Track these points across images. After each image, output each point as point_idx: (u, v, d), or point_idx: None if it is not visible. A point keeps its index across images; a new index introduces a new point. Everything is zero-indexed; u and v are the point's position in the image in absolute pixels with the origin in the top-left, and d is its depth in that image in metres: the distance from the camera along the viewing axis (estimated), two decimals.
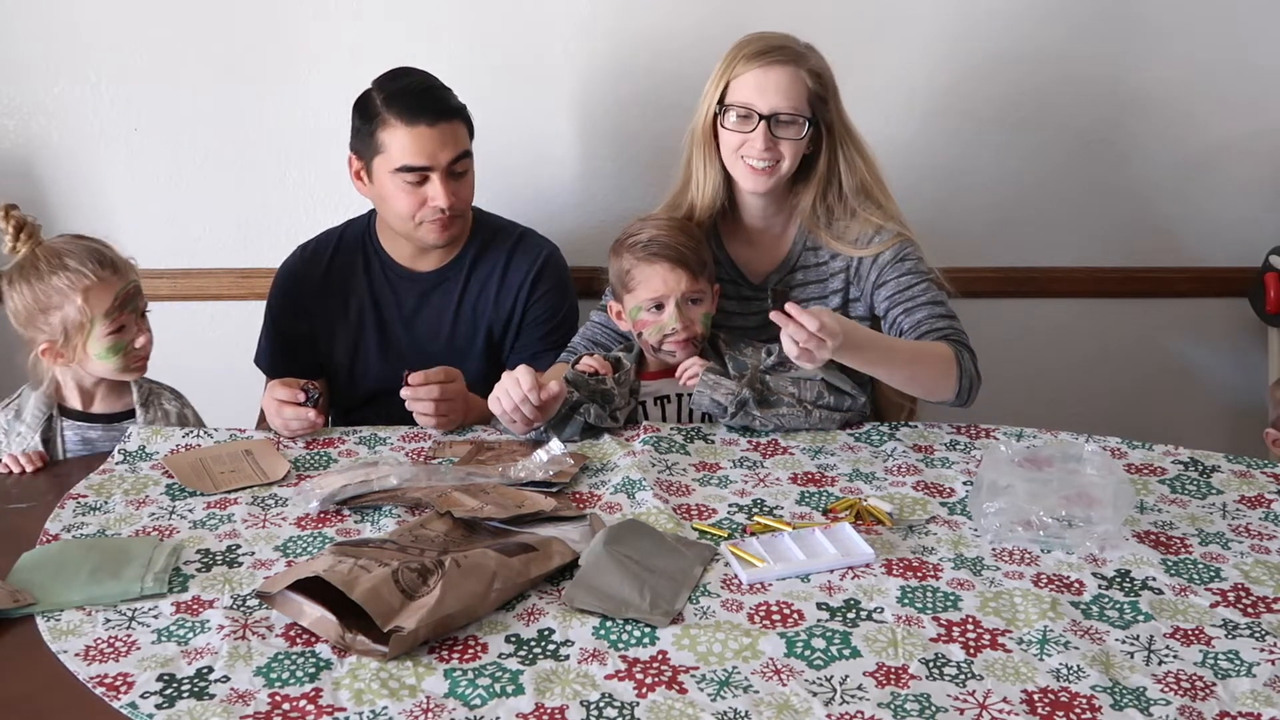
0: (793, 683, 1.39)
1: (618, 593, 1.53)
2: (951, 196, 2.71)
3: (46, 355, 1.99)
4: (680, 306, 2.09)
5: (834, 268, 2.19)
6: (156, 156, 2.67)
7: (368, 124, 2.19)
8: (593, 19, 2.61)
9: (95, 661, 1.43)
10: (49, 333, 1.97)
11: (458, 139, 2.18)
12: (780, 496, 1.84)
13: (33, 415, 2.03)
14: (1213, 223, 2.79)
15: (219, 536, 1.72)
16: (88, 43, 2.60)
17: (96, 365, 2.00)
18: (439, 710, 1.34)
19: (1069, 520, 1.67)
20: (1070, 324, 2.85)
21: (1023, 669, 1.42)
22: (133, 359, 2.02)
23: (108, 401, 2.08)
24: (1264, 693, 1.38)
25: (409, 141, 2.14)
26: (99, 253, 1.98)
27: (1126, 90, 2.69)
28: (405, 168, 2.15)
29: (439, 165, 2.16)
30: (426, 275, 2.31)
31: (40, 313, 1.96)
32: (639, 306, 2.12)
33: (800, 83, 2.09)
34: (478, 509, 1.72)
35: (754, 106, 2.09)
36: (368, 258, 2.33)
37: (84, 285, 1.94)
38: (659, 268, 2.09)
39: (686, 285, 2.09)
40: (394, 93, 2.17)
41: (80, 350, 1.98)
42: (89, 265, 1.95)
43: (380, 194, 2.21)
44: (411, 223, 2.21)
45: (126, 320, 1.99)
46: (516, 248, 2.34)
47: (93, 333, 1.96)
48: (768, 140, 2.09)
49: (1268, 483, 1.88)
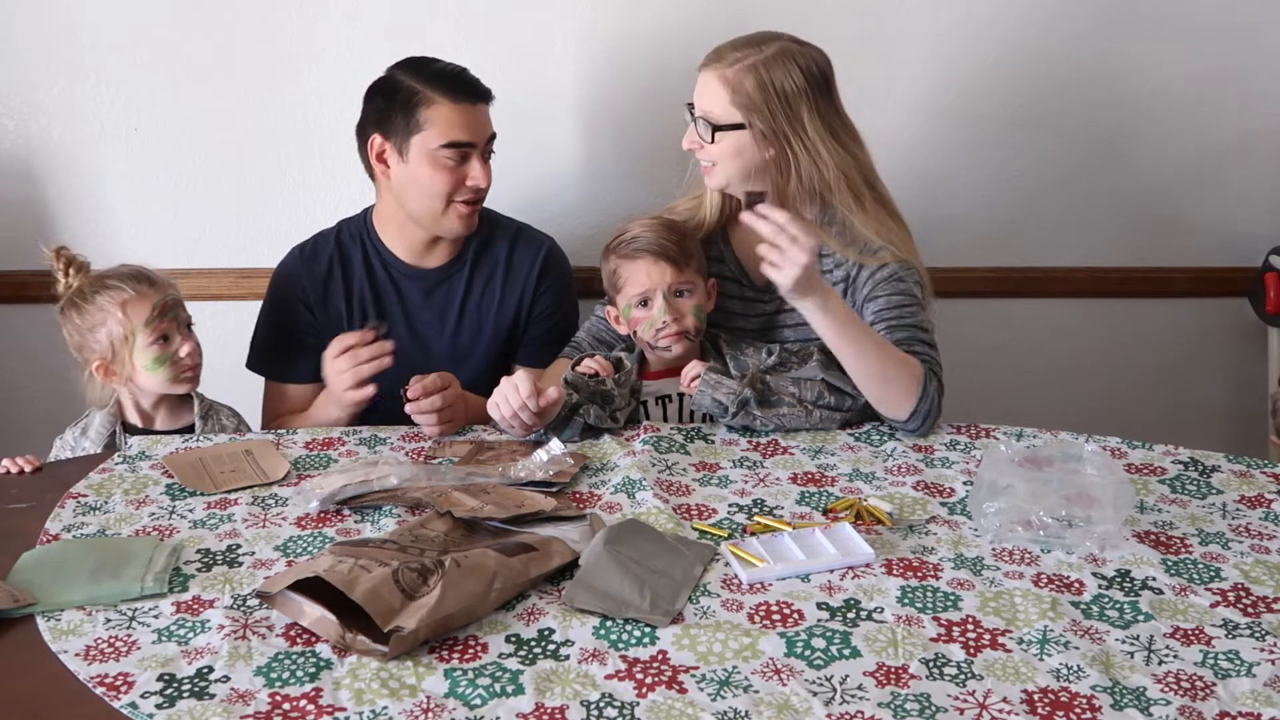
0: (793, 682, 1.39)
1: (618, 593, 1.53)
2: (952, 196, 2.71)
3: (100, 373, 2.07)
4: (668, 299, 2.11)
5: (835, 277, 2.19)
6: (156, 156, 2.67)
7: (402, 104, 2.19)
8: (593, 17, 2.61)
9: (96, 661, 1.43)
10: (99, 351, 2.06)
11: (490, 120, 2.25)
12: (780, 496, 1.84)
13: (97, 433, 2.10)
14: (1213, 223, 2.79)
15: (219, 536, 1.72)
16: (87, 43, 2.60)
17: (146, 379, 2.07)
18: (439, 710, 1.34)
19: (1069, 520, 1.67)
20: (1070, 324, 2.85)
21: (1023, 669, 1.42)
22: (180, 369, 2.08)
23: (168, 421, 2.14)
24: (1264, 693, 1.38)
25: (456, 118, 2.18)
26: (136, 270, 2.10)
27: (1127, 91, 2.69)
28: (452, 144, 2.17)
29: (480, 143, 2.21)
30: (429, 272, 2.31)
31: (88, 332, 2.06)
32: (629, 304, 2.14)
33: (717, 87, 2.10)
34: (478, 509, 1.72)
35: (692, 105, 2.15)
36: (368, 255, 2.32)
37: (122, 299, 2.04)
38: (642, 263, 2.12)
39: (671, 277, 2.11)
40: (435, 73, 2.21)
41: (128, 363, 2.05)
42: (126, 281, 2.06)
43: (413, 174, 2.21)
44: (442, 203, 2.21)
45: (168, 329, 2.07)
46: (517, 242, 2.34)
47: (136, 344, 2.04)
48: (692, 140, 2.15)
49: (1268, 483, 1.88)
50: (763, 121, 2.09)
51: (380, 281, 2.32)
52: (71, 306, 2.08)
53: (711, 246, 2.25)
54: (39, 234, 2.68)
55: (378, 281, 2.32)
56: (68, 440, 2.12)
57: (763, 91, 2.08)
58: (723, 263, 2.25)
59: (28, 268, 2.70)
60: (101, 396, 2.11)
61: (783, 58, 2.10)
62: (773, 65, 2.09)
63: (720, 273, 2.25)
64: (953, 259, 2.36)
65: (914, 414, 1.99)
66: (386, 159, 2.23)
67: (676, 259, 2.12)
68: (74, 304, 2.07)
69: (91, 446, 2.09)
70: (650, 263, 2.12)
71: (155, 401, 2.12)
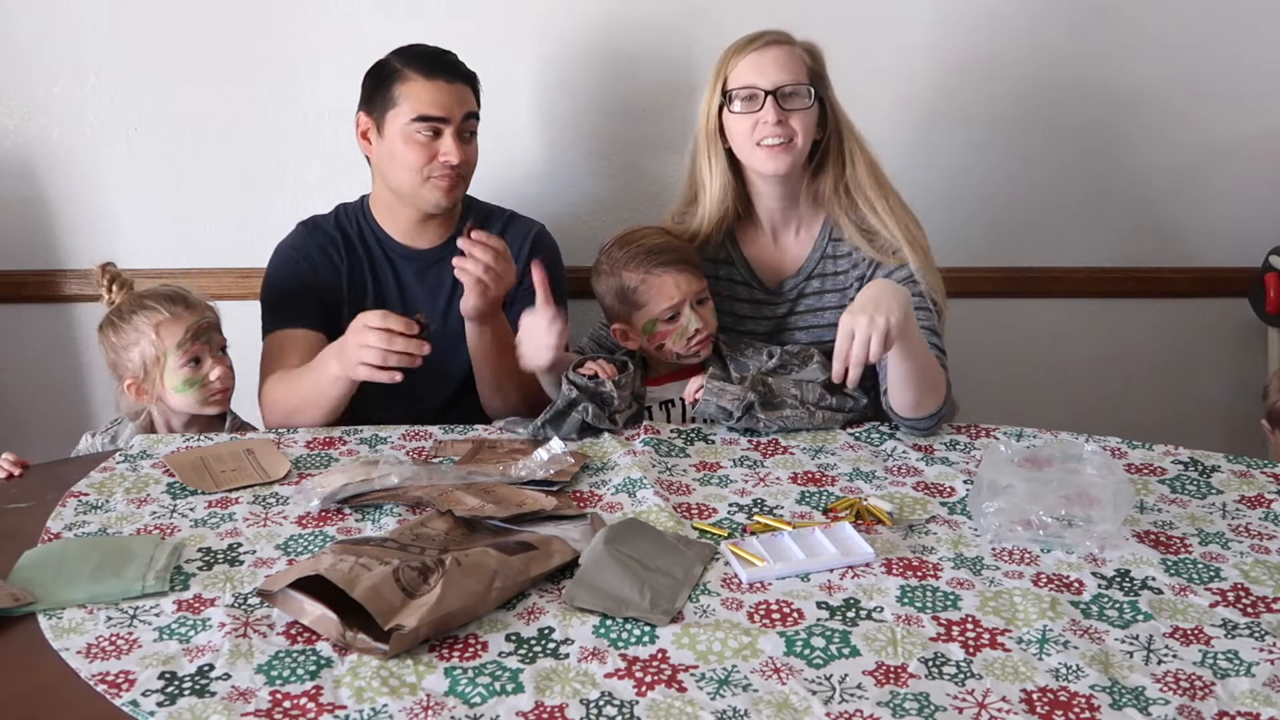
0: (792, 681, 1.39)
1: (618, 591, 1.53)
2: (951, 196, 2.71)
3: (131, 391, 2.09)
4: (694, 308, 2.10)
5: (852, 278, 2.18)
6: (156, 156, 2.67)
7: (383, 83, 2.23)
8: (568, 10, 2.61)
9: (97, 659, 1.43)
10: (132, 369, 2.08)
11: (470, 99, 2.26)
12: (780, 496, 1.84)
13: (126, 444, 2.09)
14: (1213, 223, 2.79)
15: (220, 535, 1.72)
16: (87, 42, 2.60)
17: (175, 399, 2.09)
18: (439, 708, 1.34)
19: (1069, 520, 1.68)
20: (1070, 324, 2.85)
21: (1022, 668, 1.42)
22: (210, 392, 2.09)
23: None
24: (1263, 692, 1.38)
25: (425, 93, 2.20)
26: (174, 291, 2.12)
27: (1127, 90, 2.69)
28: (422, 117, 2.19)
29: (453, 118, 2.21)
30: (423, 253, 2.31)
31: (123, 350, 2.08)
32: (654, 320, 2.11)
33: (797, 58, 2.11)
34: (479, 508, 1.72)
35: (757, 85, 2.09)
36: (363, 234, 2.34)
37: (156, 321, 2.06)
38: (670, 276, 2.10)
39: (698, 285, 2.11)
40: (414, 54, 2.25)
41: (159, 383, 2.07)
42: (162, 302, 2.08)
43: (390, 149, 2.23)
44: (419, 177, 2.22)
45: (200, 352, 2.08)
46: (508, 227, 2.36)
47: (167, 365, 2.06)
48: (778, 113, 2.08)
49: (1267, 483, 1.88)
50: (828, 100, 2.13)
51: (376, 259, 2.33)
52: (109, 325, 2.10)
53: (720, 250, 2.24)
54: (39, 234, 2.69)
55: (374, 258, 2.33)
56: (96, 444, 2.13)
57: (825, 70, 2.14)
58: (732, 265, 2.24)
59: (28, 267, 2.70)
60: (134, 409, 2.13)
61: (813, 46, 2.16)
62: (814, 50, 2.15)
63: (730, 276, 2.24)
64: (953, 259, 2.36)
65: (934, 414, 2.01)
66: (369, 136, 2.27)
67: (698, 264, 2.12)
68: (111, 322, 2.10)
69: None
70: (678, 273, 2.10)
71: (187, 421, 2.13)
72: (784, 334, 2.23)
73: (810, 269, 2.22)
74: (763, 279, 2.24)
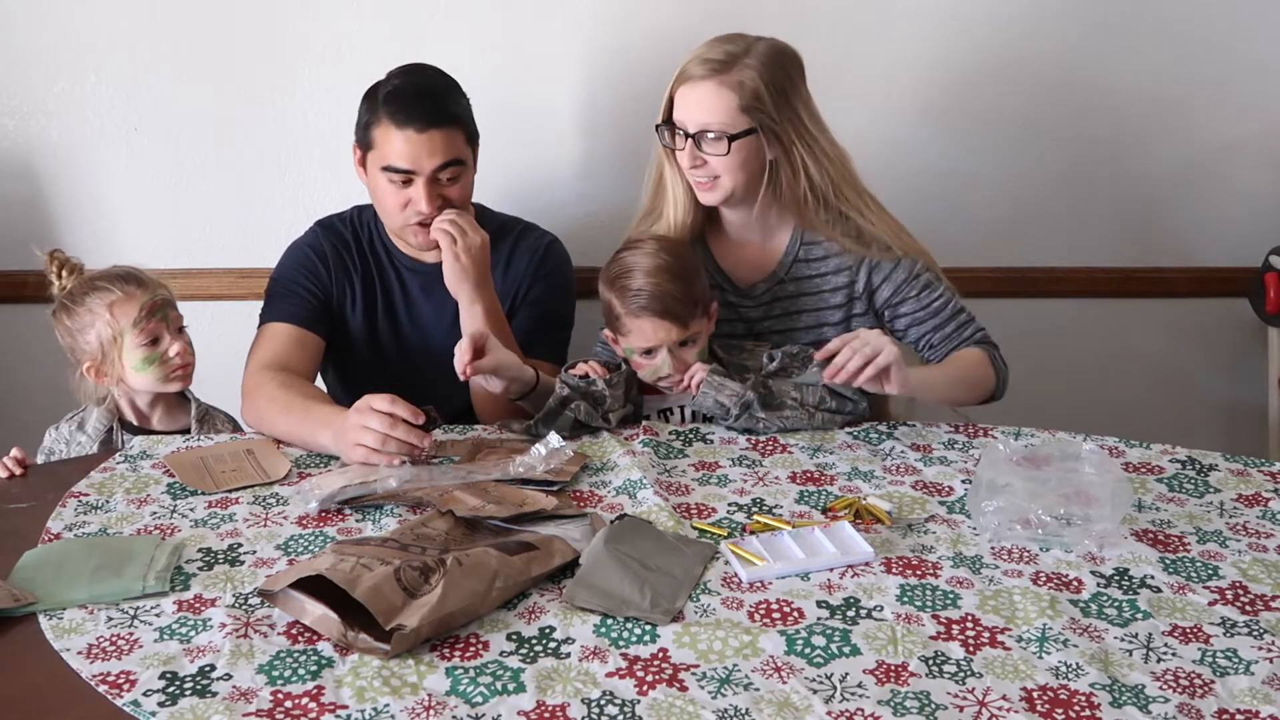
0: (793, 680, 1.39)
1: (618, 591, 1.54)
2: (951, 196, 2.71)
3: (90, 374, 2.07)
4: (672, 352, 2.06)
5: (834, 283, 2.18)
6: (156, 156, 2.67)
7: (365, 118, 2.20)
8: (594, 18, 2.61)
9: (98, 659, 1.43)
10: (89, 352, 2.06)
11: (449, 147, 2.15)
12: (779, 495, 1.84)
13: (94, 428, 2.11)
14: (1213, 223, 2.79)
15: (220, 535, 1.72)
16: (87, 42, 2.60)
17: (135, 379, 2.07)
18: (440, 708, 1.35)
19: (1067, 519, 1.68)
20: (1070, 324, 2.86)
21: (1022, 667, 1.42)
22: (170, 369, 2.08)
23: (165, 422, 2.15)
24: (1262, 690, 1.39)
25: (393, 143, 2.13)
26: (125, 271, 2.09)
27: (1127, 90, 2.70)
28: (390, 168, 2.15)
29: (423, 171, 2.14)
30: (431, 267, 2.30)
31: (78, 333, 2.06)
32: (631, 349, 2.10)
33: (723, 96, 2.03)
34: (479, 508, 1.73)
35: (683, 124, 2.07)
36: (374, 243, 2.33)
37: (110, 300, 2.04)
38: (645, 322, 2.05)
39: (676, 335, 2.05)
40: (391, 92, 2.16)
41: (118, 363, 2.06)
42: (114, 282, 2.06)
43: (373, 185, 2.22)
44: (398, 220, 2.21)
45: (157, 330, 2.06)
46: (519, 242, 2.33)
47: (124, 344, 2.04)
48: (695, 158, 2.07)
49: (1265, 481, 1.88)
50: (771, 123, 2.05)
51: (385, 270, 2.32)
52: (62, 309, 2.08)
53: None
54: (38, 234, 2.69)
55: (383, 267, 2.32)
56: (63, 432, 2.12)
57: (767, 91, 2.04)
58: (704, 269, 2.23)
59: (27, 267, 2.69)
60: (96, 394, 2.11)
61: (773, 55, 2.07)
62: (767, 64, 2.06)
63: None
64: (953, 259, 2.36)
65: (996, 390, 2.16)
66: (362, 165, 2.24)
67: (682, 317, 2.04)
68: (64, 306, 2.08)
69: (88, 441, 2.09)
70: (655, 322, 2.04)
71: (151, 401, 2.13)
72: (760, 335, 2.23)
73: (782, 273, 2.21)
74: (735, 280, 2.23)
